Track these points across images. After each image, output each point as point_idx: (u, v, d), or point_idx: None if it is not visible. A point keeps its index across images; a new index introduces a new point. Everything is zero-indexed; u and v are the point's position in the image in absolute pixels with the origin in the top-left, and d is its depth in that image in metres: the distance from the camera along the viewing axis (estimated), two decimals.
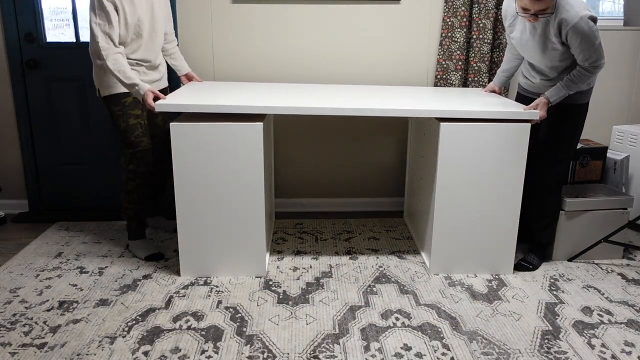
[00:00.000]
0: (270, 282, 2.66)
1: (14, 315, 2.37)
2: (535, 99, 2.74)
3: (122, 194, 2.80)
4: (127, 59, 2.65)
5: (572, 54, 2.47)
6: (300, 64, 3.37)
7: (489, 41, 3.24)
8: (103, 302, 2.47)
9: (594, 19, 2.34)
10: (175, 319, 2.35)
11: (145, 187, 2.79)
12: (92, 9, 2.51)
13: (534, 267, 2.79)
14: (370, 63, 3.39)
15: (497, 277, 2.73)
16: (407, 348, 2.16)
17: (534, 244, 2.86)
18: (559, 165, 2.70)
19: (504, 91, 3.12)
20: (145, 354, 2.11)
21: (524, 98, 2.83)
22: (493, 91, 3.06)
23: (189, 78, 3.10)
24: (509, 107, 2.64)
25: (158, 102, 2.42)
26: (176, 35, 3.25)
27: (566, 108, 2.61)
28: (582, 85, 2.48)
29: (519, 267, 2.79)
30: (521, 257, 2.91)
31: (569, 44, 2.42)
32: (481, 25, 3.22)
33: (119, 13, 2.54)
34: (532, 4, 2.32)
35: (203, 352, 2.13)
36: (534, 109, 2.51)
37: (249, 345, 2.17)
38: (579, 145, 3.05)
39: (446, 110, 2.50)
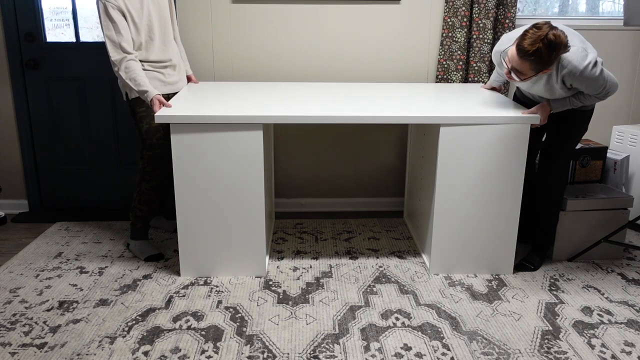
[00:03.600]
0: (270, 282, 2.66)
1: (14, 315, 2.37)
2: (533, 98, 2.73)
3: (135, 193, 2.80)
4: (147, 61, 2.67)
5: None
6: (299, 64, 3.37)
7: (489, 41, 3.24)
8: (103, 302, 2.47)
9: (596, 63, 2.29)
10: (175, 319, 2.35)
11: (159, 190, 2.80)
12: (100, 19, 2.52)
13: (535, 268, 2.79)
14: (371, 63, 3.38)
15: (497, 277, 2.73)
16: (407, 348, 2.16)
17: (535, 244, 2.86)
18: (562, 166, 2.69)
19: (503, 90, 3.12)
20: (145, 354, 2.11)
21: (523, 97, 2.82)
22: (493, 88, 3.06)
23: (188, 79, 3.11)
24: (510, 109, 2.64)
25: (157, 113, 2.42)
26: None
27: (572, 112, 2.59)
28: (588, 103, 2.46)
29: (520, 267, 2.79)
30: (522, 257, 2.91)
31: (577, 88, 2.39)
32: (481, 25, 3.22)
33: (127, 18, 2.54)
34: (515, 58, 2.26)
35: (203, 352, 2.13)
36: (535, 113, 2.51)
37: (249, 345, 2.17)
38: (579, 145, 3.05)
39: (447, 117, 2.50)
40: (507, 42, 2.48)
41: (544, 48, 2.18)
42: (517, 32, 2.44)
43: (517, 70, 2.30)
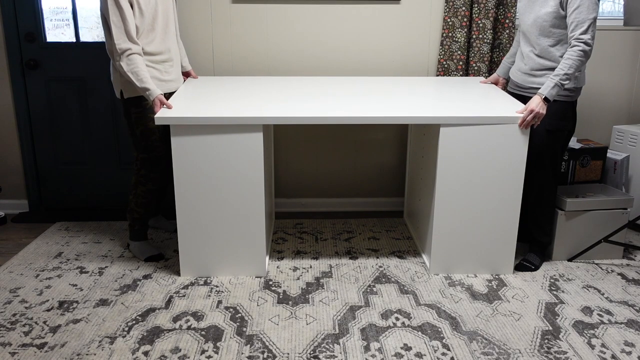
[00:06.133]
0: (270, 282, 2.66)
1: (14, 315, 2.37)
2: (526, 96, 2.73)
3: (131, 196, 2.79)
4: (145, 53, 2.61)
5: (565, 25, 2.50)
6: (299, 65, 3.37)
7: (489, 41, 3.24)
8: (103, 302, 2.47)
9: None
10: (175, 319, 2.35)
11: (156, 192, 2.79)
12: (105, 6, 2.47)
13: (536, 267, 2.79)
14: (371, 63, 3.38)
15: (497, 277, 2.73)
16: (407, 348, 2.16)
17: (534, 244, 2.86)
18: (549, 164, 2.68)
19: (504, 84, 3.09)
20: (145, 354, 2.11)
21: (515, 97, 2.81)
22: (496, 82, 3.05)
23: (187, 75, 3.11)
24: (510, 108, 2.64)
25: (157, 115, 2.41)
26: None
27: (551, 106, 2.59)
28: (571, 69, 2.45)
29: (520, 267, 2.79)
30: (522, 257, 2.90)
31: (568, 5, 2.45)
32: (481, 25, 3.22)
33: (134, 6, 2.52)
34: None
35: (203, 352, 2.13)
36: (529, 111, 2.46)
37: (249, 345, 2.17)
38: (579, 145, 3.05)
39: (447, 117, 2.49)
40: None
41: None
42: None
43: None
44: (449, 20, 3.25)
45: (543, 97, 2.47)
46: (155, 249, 2.90)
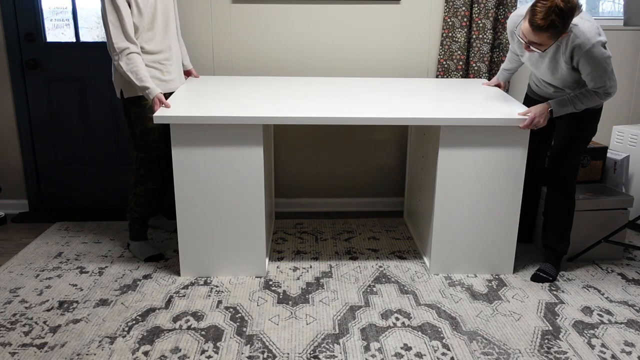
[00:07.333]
0: (270, 282, 2.66)
1: (14, 315, 2.37)
2: (539, 88, 2.69)
3: (130, 196, 2.79)
4: (144, 52, 2.60)
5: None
6: (299, 65, 3.37)
7: (489, 41, 3.24)
8: (103, 302, 2.47)
9: (605, 46, 2.28)
10: (175, 319, 2.35)
11: (155, 192, 2.78)
12: (103, 6, 2.47)
13: (553, 278, 2.69)
14: (370, 63, 3.38)
15: (497, 277, 2.73)
16: (407, 348, 2.16)
17: (550, 253, 2.75)
18: (573, 169, 2.63)
19: (506, 87, 3.09)
20: (145, 354, 2.11)
21: (532, 101, 2.75)
22: (497, 86, 3.03)
23: (188, 74, 3.11)
24: (511, 109, 2.63)
25: (155, 114, 2.41)
26: None
27: (580, 113, 2.54)
28: (589, 105, 2.41)
29: (536, 278, 2.69)
30: (537, 267, 2.79)
31: (580, 70, 2.35)
32: (481, 25, 3.22)
33: (132, 5, 2.51)
34: (530, 33, 2.23)
35: (203, 352, 2.13)
36: (533, 114, 2.44)
37: (249, 345, 2.17)
38: None
39: (447, 119, 2.48)
40: (519, 16, 2.46)
41: (557, 19, 2.15)
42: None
43: (535, 42, 2.26)
44: (449, 20, 3.25)
45: (549, 109, 2.43)
46: (155, 249, 2.90)
